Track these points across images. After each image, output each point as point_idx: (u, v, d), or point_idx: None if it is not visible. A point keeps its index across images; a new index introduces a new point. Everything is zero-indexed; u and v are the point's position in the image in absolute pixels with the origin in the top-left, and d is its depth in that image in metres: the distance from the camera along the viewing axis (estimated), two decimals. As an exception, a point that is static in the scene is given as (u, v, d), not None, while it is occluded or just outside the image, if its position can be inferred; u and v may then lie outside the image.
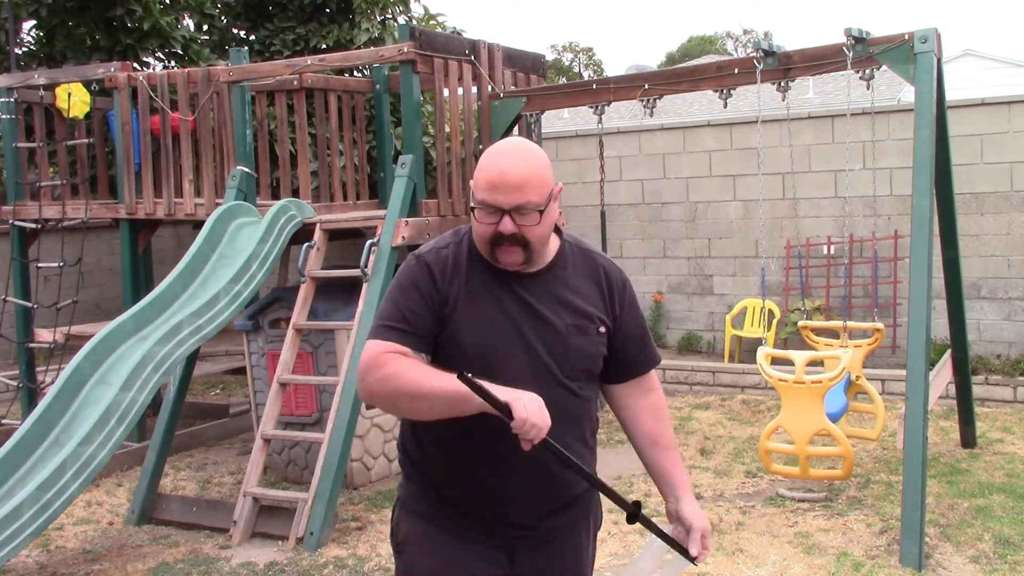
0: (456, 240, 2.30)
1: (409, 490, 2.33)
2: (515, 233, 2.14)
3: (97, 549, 5.12)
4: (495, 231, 2.15)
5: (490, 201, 2.13)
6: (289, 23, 9.62)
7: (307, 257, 5.77)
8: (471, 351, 2.16)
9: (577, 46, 50.64)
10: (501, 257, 2.18)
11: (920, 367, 4.65)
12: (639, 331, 2.37)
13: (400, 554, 2.33)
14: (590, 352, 2.25)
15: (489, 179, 2.14)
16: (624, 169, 9.75)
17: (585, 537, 2.40)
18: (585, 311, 2.25)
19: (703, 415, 7.52)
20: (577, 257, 2.32)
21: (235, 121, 6.45)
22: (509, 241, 2.15)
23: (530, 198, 2.12)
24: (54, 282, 7.56)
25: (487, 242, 2.18)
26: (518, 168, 2.13)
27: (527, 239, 2.15)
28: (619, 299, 2.32)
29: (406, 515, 2.32)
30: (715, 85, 5.72)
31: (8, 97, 7.37)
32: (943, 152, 5.41)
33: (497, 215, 2.13)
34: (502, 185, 2.11)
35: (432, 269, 2.22)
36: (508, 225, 2.13)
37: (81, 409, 4.68)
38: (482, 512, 2.22)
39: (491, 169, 2.15)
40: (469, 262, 2.24)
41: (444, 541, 2.25)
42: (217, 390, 9.48)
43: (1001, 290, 8.22)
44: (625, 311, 2.33)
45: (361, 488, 5.99)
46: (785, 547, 4.69)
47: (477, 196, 2.16)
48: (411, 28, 6.03)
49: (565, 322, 2.22)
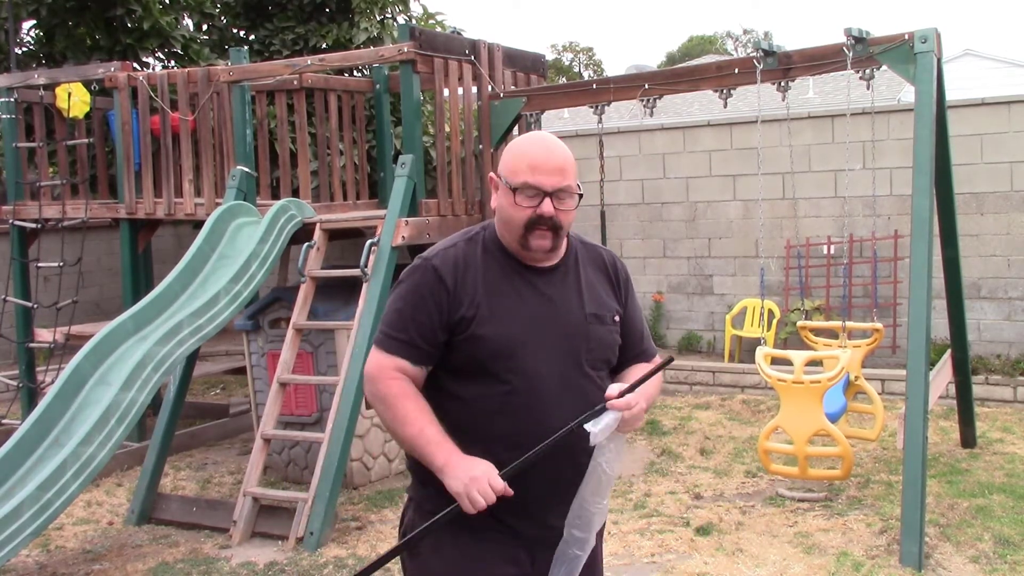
0: (466, 238, 2.32)
1: (425, 492, 2.30)
2: (552, 216, 2.19)
3: (97, 549, 5.12)
4: (534, 213, 2.19)
5: (533, 183, 2.18)
6: (289, 23, 9.62)
7: (307, 257, 5.77)
8: (496, 344, 2.19)
9: (577, 46, 50.68)
10: (533, 242, 2.21)
11: (920, 367, 4.65)
12: (639, 324, 2.43)
13: (414, 557, 2.31)
14: (608, 341, 2.31)
15: (533, 161, 2.19)
16: (624, 169, 9.75)
17: (599, 536, 2.41)
18: (601, 300, 2.32)
19: (703, 415, 7.52)
20: (584, 251, 2.38)
21: (235, 121, 6.45)
22: (545, 225, 2.20)
23: (570, 182, 2.20)
24: (54, 282, 7.56)
25: (522, 226, 2.21)
26: (561, 152, 2.22)
27: (560, 224, 2.21)
28: (624, 289, 2.40)
29: (421, 517, 2.28)
30: (715, 85, 5.72)
31: (8, 97, 7.37)
32: (943, 152, 5.41)
33: (538, 198, 2.18)
34: (547, 167, 2.18)
35: (440, 272, 2.23)
36: (548, 207, 2.18)
37: (81, 409, 4.68)
38: (503, 513, 2.21)
39: (534, 152, 2.20)
40: (484, 257, 2.27)
41: (462, 544, 2.24)
42: (217, 390, 9.49)
43: (1001, 290, 8.23)
44: (628, 302, 2.40)
45: (361, 488, 5.99)
46: (785, 547, 4.69)
47: (517, 179, 2.19)
48: (411, 28, 6.03)
49: (584, 312, 2.27)
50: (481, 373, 2.20)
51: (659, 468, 6.13)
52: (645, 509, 5.32)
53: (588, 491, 2.14)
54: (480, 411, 2.21)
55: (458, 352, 2.22)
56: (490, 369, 2.19)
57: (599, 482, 2.13)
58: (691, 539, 4.82)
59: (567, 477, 2.21)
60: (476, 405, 2.21)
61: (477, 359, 2.20)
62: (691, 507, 5.33)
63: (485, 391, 2.20)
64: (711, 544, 4.75)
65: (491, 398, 2.19)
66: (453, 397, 2.24)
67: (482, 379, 2.20)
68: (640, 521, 5.12)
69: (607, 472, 2.12)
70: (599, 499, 2.15)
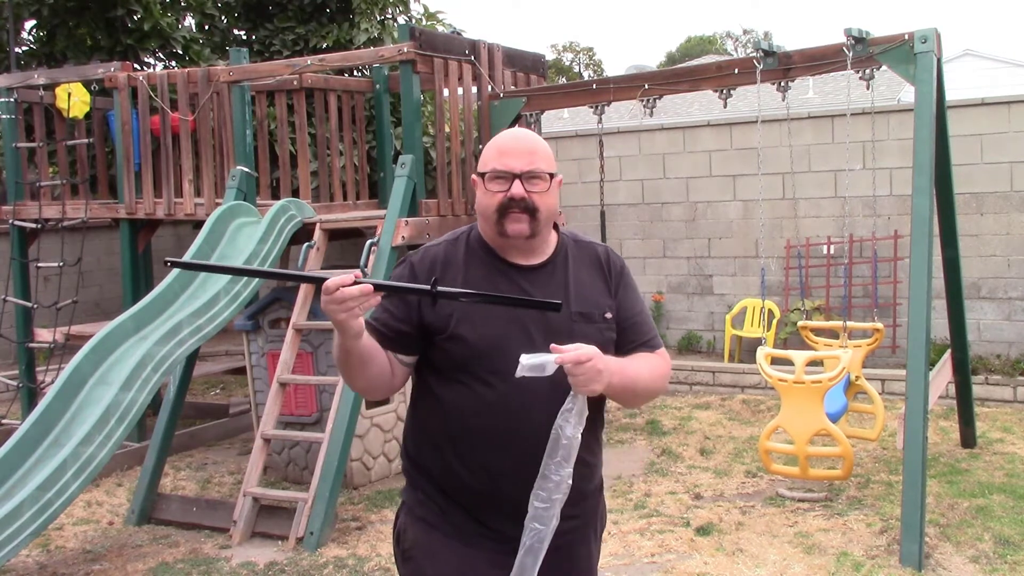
0: (452, 238, 2.33)
1: (415, 496, 2.31)
2: (524, 198, 2.19)
3: (97, 549, 5.11)
4: (504, 197, 2.19)
5: (501, 167, 2.20)
6: (289, 23, 9.63)
7: (307, 257, 5.76)
8: (475, 344, 2.18)
9: (577, 46, 50.70)
10: (509, 227, 2.21)
11: (920, 367, 4.65)
12: (636, 316, 2.35)
13: (407, 561, 2.31)
14: (597, 339, 2.23)
15: (500, 147, 2.23)
16: (624, 169, 9.75)
17: (594, 540, 2.39)
18: (589, 298, 2.28)
19: (703, 415, 7.52)
20: (576, 249, 2.35)
21: (235, 121, 6.45)
22: (518, 208, 2.19)
23: (539, 164, 2.21)
24: (54, 282, 7.55)
25: (495, 211, 2.21)
26: (528, 137, 2.26)
27: (535, 206, 2.20)
28: (615, 281, 2.35)
29: (413, 521, 2.30)
30: (715, 85, 5.72)
31: (8, 97, 7.37)
32: (943, 152, 5.41)
33: (508, 181, 2.19)
34: (514, 150, 2.21)
35: (416, 270, 2.27)
36: (519, 189, 2.19)
37: (81, 409, 4.68)
38: (491, 518, 2.21)
39: (502, 140, 2.25)
40: (467, 256, 2.27)
41: (453, 549, 2.23)
42: (217, 390, 9.48)
43: (1001, 290, 8.22)
44: (621, 292, 2.35)
45: (361, 488, 5.99)
46: (785, 547, 4.69)
47: (487, 166, 2.23)
48: (411, 28, 6.03)
49: (569, 311, 2.23)
50: (463, 373, 2.19)
51: (659, 468, 6.13)
52: (645, 509, 5.32)
53: (548, 457, 2.08)
54: (463, 412, 2.19)
55: (441, 352, 2.21)
56: (471, 370, 2.18)
57: (556, 445, 2.07)
58: (691, 539, 4.82)
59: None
60: (459, 406, 2.20)
61: (458, 360, 2.18)
62: (691, 507, 5.33)
63: (467, 392, 2.19)
64: (711, 544, 4.75)
65: (473, 399, 2.18)
66: (438, 398, 2.24)
67: (464, 380, 2.19)
68: (640, 521, 5.12)
69: (565, 434, 2.06)
70: (558, 466, 2.07)
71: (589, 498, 2.33)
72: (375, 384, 2.24)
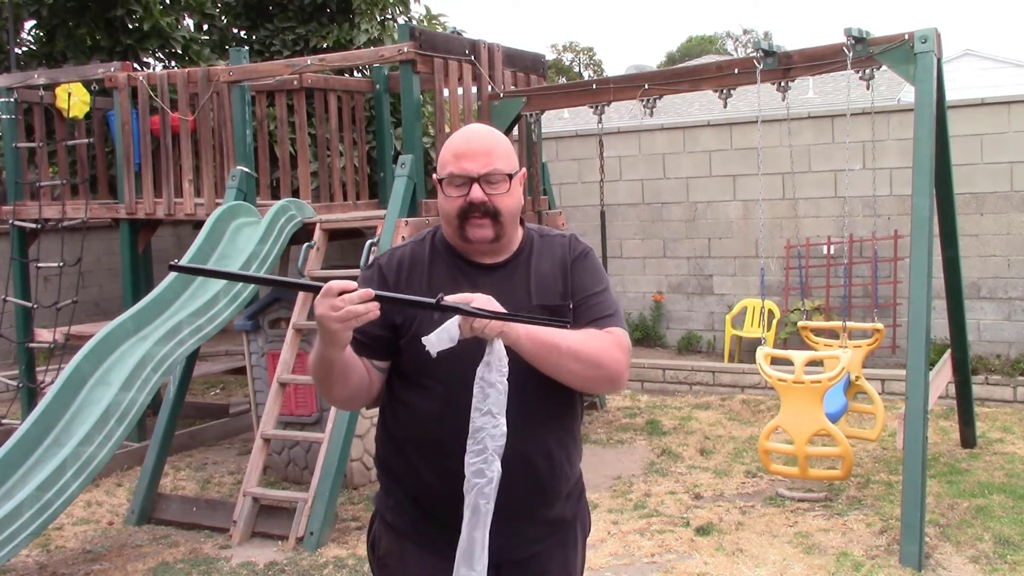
0: (419, 239, 2.30)
1: (387, 503, 2.28)
2: (485, 202, 2.13)
3: (97, 549, 5.12)
4: (464, 202, 2.13)
5: (458, 171, 2.14)
6: (289, 23, 9.63)
7: (307, 257, 5.77)
8: None
9: (577, 46, 50.69)
10: (471, 233, 2.15)
11: (920, 367, 4.65)
12: (590, 296, 2.22)
13: (383, 568, 2.29)
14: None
15: (456, 149, 2.16)
16: (624, 169, 9.75)
17: (572, 548, 2.32)
18: (551, 289, 2.20)
19: (703, 415, 7.52)
20: (540, 243, 2.28)
21: (235, 121, 6.45)
22: (479, 212, 2.13)
23: (497, 165, 2.14)
24: (54, 282, 7.56)
25: (455, 217, 2.15)
26: (484, 137, 2.18)
27: (497, 209, 2.14)
28: (571, 265, 2.24)
29: (386, 529, 2.27)
30: (715, 85, 5.72)
31: (8, 97, 7.37)
32: (943, 152, 5.41)
33: (466, 186, 2.13)
34: (470, 152, 2.14)
35: (384, 271, 2.23)
36: (478, 193, 2.12)
37: (81, 409, 4.68)
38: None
39: (457, 141, 2.18)
40: (432, 257, 2.23)
41: (424, 559, 2.20)
42: (217, 390, 9.48)
43: (1001, 290, 8.23)
44: (576, 273, 2.23)
45: (361, 488, 5.99)
46: (785, 547, 4.69)
47: (444, 170, 2.17)
48: (411, 28, 6.03)
49: (531, 306, 2.16)
50: (426, 377, 2.14)
51: (659, 468, 6.13)
52: (645, 509, 5.32)
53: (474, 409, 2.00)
54: (423, 417, 2.15)
55: (403, 355, 2.17)
56: (430, 372, 2.12)
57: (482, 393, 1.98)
58: (691, 539, 4.82)
59: (517, 493, 2.09)
60: (424, 410, 2.15)
61: (418, 362, 2.09)
62: (691, 507, 5.33)
63: (427, 395, 2.15)
64: (711, 544, 4.75)
65: (432, 401, 2.14)
66: (402, 403, 2.21)
67: (424, 383, 2.15)
68: (640, 521, 5.11)
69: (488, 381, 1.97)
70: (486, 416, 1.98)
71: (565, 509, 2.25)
72: (356, 394, 2.18)
